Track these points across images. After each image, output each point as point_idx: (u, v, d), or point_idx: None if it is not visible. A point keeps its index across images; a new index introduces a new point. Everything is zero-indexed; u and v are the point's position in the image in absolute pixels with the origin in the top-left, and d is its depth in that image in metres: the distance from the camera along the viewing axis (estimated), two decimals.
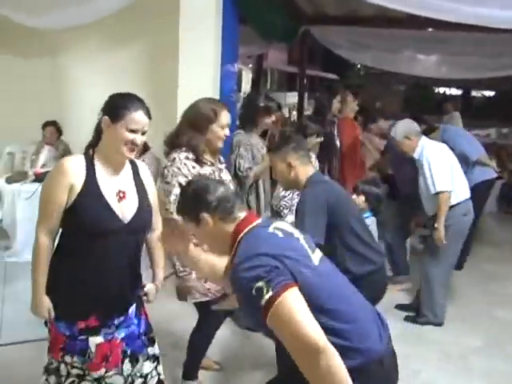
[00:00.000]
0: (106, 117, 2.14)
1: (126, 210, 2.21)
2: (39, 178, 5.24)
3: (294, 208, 3.76)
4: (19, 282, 4.43)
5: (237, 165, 3.76)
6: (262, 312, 1.64)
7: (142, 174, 2.37)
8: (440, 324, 4.24)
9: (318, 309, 1.67)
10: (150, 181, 2.44)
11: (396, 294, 4.74)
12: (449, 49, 8.17)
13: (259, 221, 1.93)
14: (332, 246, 2.67)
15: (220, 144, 2.95)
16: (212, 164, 2.92)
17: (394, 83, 25.46)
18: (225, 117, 2.90)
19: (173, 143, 2.88)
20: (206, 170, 2.84)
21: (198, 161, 2.84)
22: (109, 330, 2.26)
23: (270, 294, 1.62)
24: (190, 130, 2.84)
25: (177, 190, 2.70)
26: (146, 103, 2.21)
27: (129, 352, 2.34)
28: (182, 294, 2.88)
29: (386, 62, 8.86)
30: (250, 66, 12.87)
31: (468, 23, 4.44)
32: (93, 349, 2.21)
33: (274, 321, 1.64)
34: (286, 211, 3.95)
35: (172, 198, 2.73)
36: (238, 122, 4.39)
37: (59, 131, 6.15)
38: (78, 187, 2.10)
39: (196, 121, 2.86)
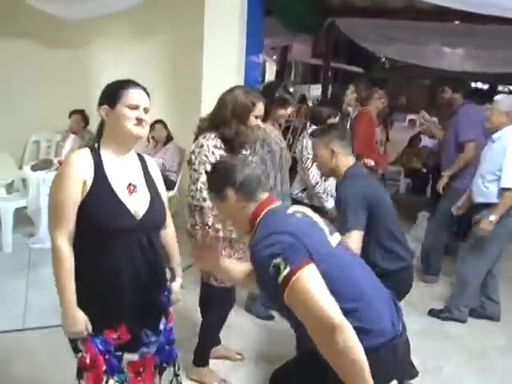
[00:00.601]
0: (105, 105, 2.04)
1: (138, 206, 2.06)
2: None
3: (333, 193, 3.83)
4: (44, 268, 4.48)
5: None
6: (280, 289, 1.67)
7: (151, 169, 2.23)
8: (463, 321, 4.19)
9: (329, 289, 1.69)
10: (160, 177, 2.30)
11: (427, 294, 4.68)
12: (475, 42, 8.04)
13: (279, 204, 2.01)
14: (364, 240, 2.70)
15: (253, 136, 2.98)
16: (239, 153, 2.90)
17: (419, 77, 25.19)
18: (260, 108, 2.89)
19: (217, 130, 2.82)
20: None
21: (231, 149, 2.81)
22: (147, 348, 2.16)
23: (288, 270, 1.66)
24: (236, 122, 2.80)
25: (203, 178, 2.70)
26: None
27: (158, 363, 2.28)
28: (207, 277, 2.91)
29: (412, 55, 8.77)
30: (274, 57, 12.83)
31: (494, 15, 4.37)
32: (125, 366, 2.11)
33: (291, 298, 1.67)
34: (325, 196, 4.03)
35: (199, 185, 2.73)
36: None
37: (85, 120, 6.20)
38: (89, 182, 1.96)
39: (241, 111, 2.82)
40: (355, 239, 2.67)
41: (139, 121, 2.02)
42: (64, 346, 2.16)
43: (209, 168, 2.70)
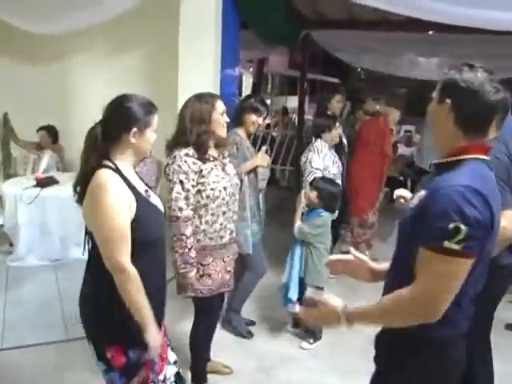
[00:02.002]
0: (135, 129, 2.07)
1: (160, 208, 2.27)
2: (41, 183, 5.27)
3: None
4: (22, 286, 4.44)
5: None
6: (430, 245, 1.53)
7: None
8: None
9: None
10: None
11: None
12: (449, 51, 8.17)
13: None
14: None
15: (224, 132, 2.97)
16: (215, 159, 2.91)
17: (395, 86, 25.53)
18: (220, 104, 2.94)
19: (180, 142, 2.86)
20: (208, 166, 2.84)
21: (201, 157, 2.84)
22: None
23: (459, 246, 1.49)
24: (196, 125, 2.84)
25: (178, 187, 2.74)
26: None
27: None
28: (181, 288, 2.90)
29: (387, 65, 8.86)
30: (251, 70, 12.89)
31: (461, 25, 4.48)
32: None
33: (429, 264, 1.54)
34: None
35: (174, 195, 2.75)
36: None
37: (53, 136, 6.17)
38: (134, 203, 2.03)
39: (199, 114, 2.86)
40: None
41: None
42: (45, 365, 2.14)
43: (182, 177, 2.74)
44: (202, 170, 2.81)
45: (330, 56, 8.63)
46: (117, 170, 2.06)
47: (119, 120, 2.09)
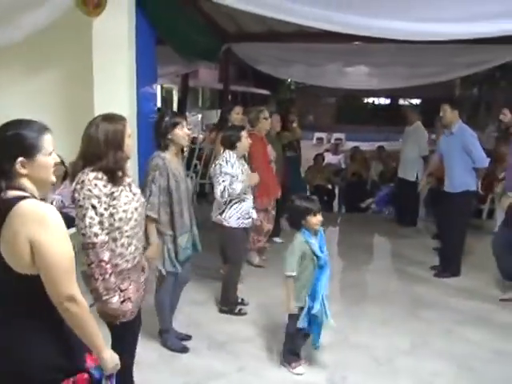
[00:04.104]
0: (21, 158, 1.88)
1: None
2: None
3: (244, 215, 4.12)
4: None
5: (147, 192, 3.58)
6: None
7: None
8: None
9: None
10: None
11: None
12: (371, 60, 8.45)
13: None
14: None
15: (131, 155, 2.94)
16: (123, 180, 2.83)
17: (325, 96, 26.12)
18: (128, 126, 2.87)
19: (95, 167, 2.73)
20: (119, 188, 2.77)
21: (113, 179, 2.76)
22: None
23: None
24: (113, 150, 2.73)
25: (91, 213, 2.64)
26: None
27: None
28: (103, 315, 2.81)
29: (311, 76, 9.06)
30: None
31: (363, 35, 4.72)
32: None
33: None
34: None
35: (87, 221, 2.65)
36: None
37: None
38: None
39: (113, 138, 2.75)
40: None
41: (55, 165, 1.99)
42: None
43: (95, 202, 2.66)
44: (113, 193, 2.73)
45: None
46: (36, 198, 1.92)
47: (8, 151, 1.90)
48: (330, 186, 9.57)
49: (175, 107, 15.14)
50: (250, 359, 3.85)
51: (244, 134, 4.54)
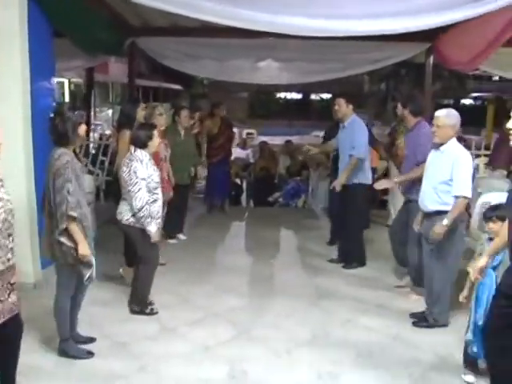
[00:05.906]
0: None
1: None
2: None
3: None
4: None
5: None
6: None
7: None
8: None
9: None
10: None
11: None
12: (281, 56, 8.51)
13: None
14: None
15: None
16: None
17: (237, 91, 26.24)
18: None
19: None
20: None
21: None
22: None
23: None
24: None
25: None
26: None
27: None
28: None
29: (220, 71, 8.99)
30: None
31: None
32: None
33: None
34: (149, 219, 4.23)
35: None
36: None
37: None
38: None
39: None
40: None
41: None
42: None
43: None
44: None
45: None
46: None
47: None
48: (238, 181, 9.65)
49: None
50: (150, 358, 3.75)
51: (155, 132, 4.46)
